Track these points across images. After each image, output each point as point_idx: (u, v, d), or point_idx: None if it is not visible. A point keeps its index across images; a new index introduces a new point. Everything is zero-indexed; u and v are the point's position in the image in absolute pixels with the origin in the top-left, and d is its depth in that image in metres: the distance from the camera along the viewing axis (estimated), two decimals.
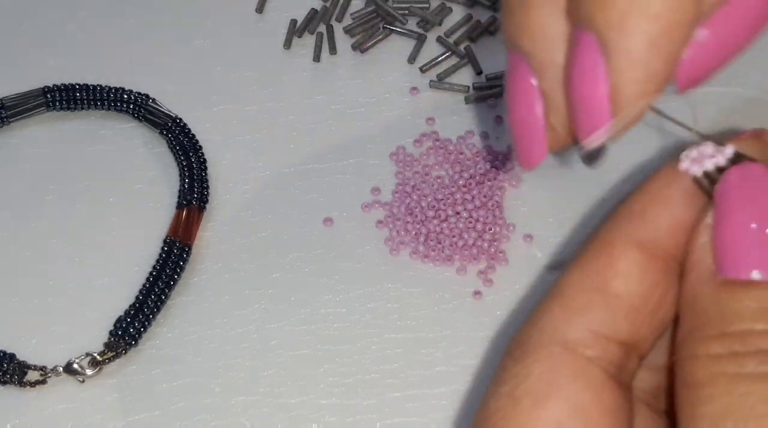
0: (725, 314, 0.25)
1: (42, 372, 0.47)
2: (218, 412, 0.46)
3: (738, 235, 0.25)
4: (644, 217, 0.28)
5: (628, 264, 0.27)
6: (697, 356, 0.25)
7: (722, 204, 0.26)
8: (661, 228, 0.27)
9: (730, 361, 0.24)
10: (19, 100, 0.54)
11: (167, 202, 0.52)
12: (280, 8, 0.59)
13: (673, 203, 0.28)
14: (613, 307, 0.27)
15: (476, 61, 0.55)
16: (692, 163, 0.27)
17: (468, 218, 0.50)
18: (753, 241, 0.25)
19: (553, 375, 0.27)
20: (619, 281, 0.27)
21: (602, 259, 0.28)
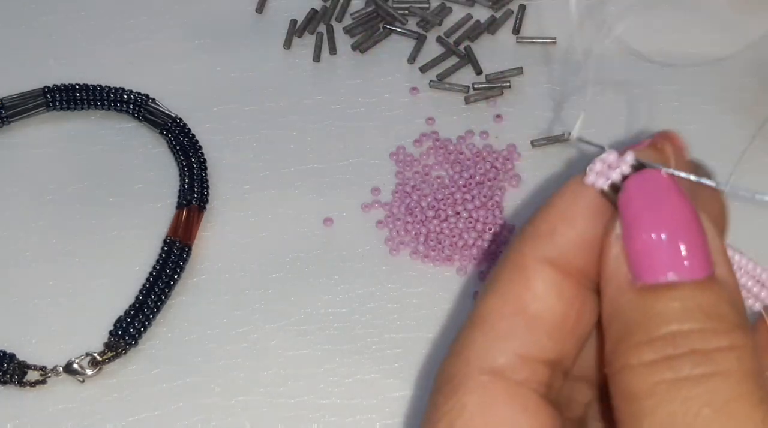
0: (651, 319, 0.25)
1: (42, 372, 0.47)
2: (218, 412, 0.46)
3: (647, 241, 0.25)
4: (553, 236, 0.27)
5: (544, 285, 0.27)
6: (631, 366, 0.25)
7: (627, 212, 0.26)
8: (571, 246, 0.27)
9: (665, 367, 0.24)
10: (19, 100, 0.54)
11: (167, 202, 0.52)
12: (280, 8, 0.59)
13: (579, 220, 0.27)
14: (535, 328, 0.27)
15: (476, 61, 0.55)
16: (597, 176, 0.27)
17: (468, 218, 0.50)
18: (662, 245, 0.25)
19: (487, 405, 0.27)
20: (537, 302, 0.27)
21: (518, 282, 0.28)
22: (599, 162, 0.27)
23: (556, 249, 0.27)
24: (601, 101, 0.52)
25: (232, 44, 0.57)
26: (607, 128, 0.29)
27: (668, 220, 0.25)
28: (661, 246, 0.25)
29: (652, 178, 0.26)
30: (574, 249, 0.27)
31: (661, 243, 0.25)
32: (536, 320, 0.27)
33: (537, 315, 0.27)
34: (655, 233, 0.25)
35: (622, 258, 0.26)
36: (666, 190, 0.26)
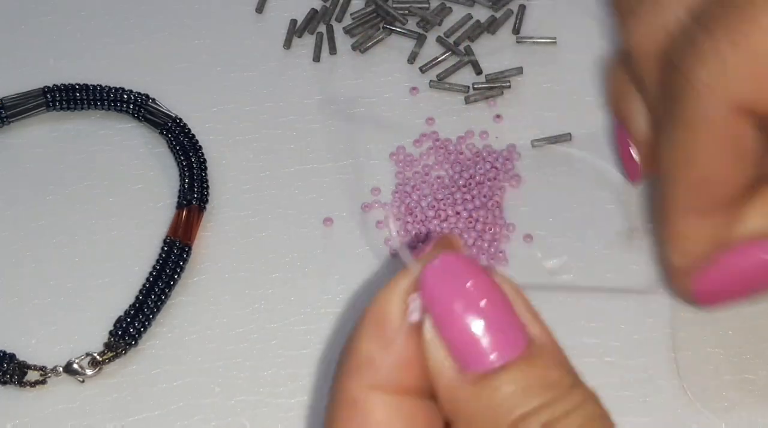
0: (495, 409, 0.25)
1: (42, 372, 0.47)
2: (218, 412, 0.46)
3: (460, 330, 0.25)
4: (374, 365, 0.27)
5: (382, 412, 0.27)
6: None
7: (433, 306, 0.26)
8: (394, 368, 0.27)
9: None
10: (19, 100, 0.54)
11: (167, 202, 0.52)
12: (280, 8, 0.59)
13: (395, 341, 0.27)
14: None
15: (476, 61, 0.55)
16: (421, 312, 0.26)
17: (468, 218, 0.50)
18: (476, 330, 0.25)
19: None
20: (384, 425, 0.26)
21: (356, 419, 0.27)
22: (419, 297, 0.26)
23: (380, 376, 0.27)
24: None
25: (232, 44, 0.57)
26: None
27: (473, 303, 0.25)
28: (475, 332, 0.25)
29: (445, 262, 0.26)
30: (398, 371, 0.27)
31: (474, 329, 0.25)
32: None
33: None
34: (465, 320, 0.25)
35: (443, 353, 0.26)
36: (463, 271, 0.26)
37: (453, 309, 0.25)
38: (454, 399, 0.26)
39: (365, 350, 0.27)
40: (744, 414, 0.45)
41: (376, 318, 0.27)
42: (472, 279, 0.25)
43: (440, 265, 0.26)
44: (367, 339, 0.27)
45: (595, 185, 0.51)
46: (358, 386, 0.27)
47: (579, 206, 0.51)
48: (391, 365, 0.27)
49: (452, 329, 0.25)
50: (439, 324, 0.25)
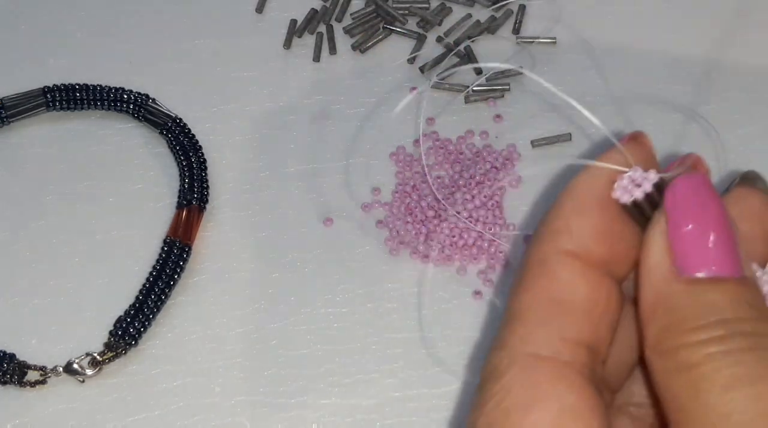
0: (703, 307, 0.27)
1: (42, 372, 0.47)
2: (218, 412, 0.46)
3: (695, 239, 0.28)
4: (569, 231, 0.29)
5: (569, 273, 0.29)
6: (687, 344, 0.27)
7: (675, 213, 0.28)
8: (587, 237, 0.29)
9: (718, 342, 0.26)
10: (19, 100, 0.54)
11: (167, 202, 0.52)
12: (280, 8, 0.59)
13: (591, 213, 0.30)
14: (571, 313, 0.29)
15: (476, 61, 0.55)
16: (623, 191, 0.29)
17: (468, 218, 0.50)
18: (708, 243, 0.28)
19: (535, 383, 0.28)
20: (567, 289, 0.29)
21: (544, 275, 0.29)
22: (627, 178, 0.29)
23: (573, 242, 0.29)
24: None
25: (232, 44, 0.57)
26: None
27: (713, 222, 0.28)
28: (707, 245, 0.28)
29: (697, 181, 0.29)
30: (589, 241, 0.29)
31: (707, 242, 0.28)
32: (569, 306, 0.29)
33: (569, 301, 0.29)
34: (701, 233, 0.28)
35: (666, 252, 0.28)
36: (709, 194, 0.29)
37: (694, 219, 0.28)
38: (661, 291, 0.28)
39: (563, 217, 0.30)
40: None
41: (578, 190, 0.30)
42: (716, 202, 0.28)
43: (693, 180, 0.29)
44: (568, 208, 0.30)
45: None
46: (551, 249, 0.29)
47: None
48: (585, 233, 0.29)
49: (686, 239, 0.28)
50: (675, 227, 0.28)
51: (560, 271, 0.29)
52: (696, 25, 0.57)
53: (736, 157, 0.52)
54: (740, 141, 0.52)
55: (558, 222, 0.30)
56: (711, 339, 0.26)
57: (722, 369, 0.26)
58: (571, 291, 0.29)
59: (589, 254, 0.29)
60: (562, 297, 0.29)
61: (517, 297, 0.29)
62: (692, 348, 0.27)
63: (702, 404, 0.26)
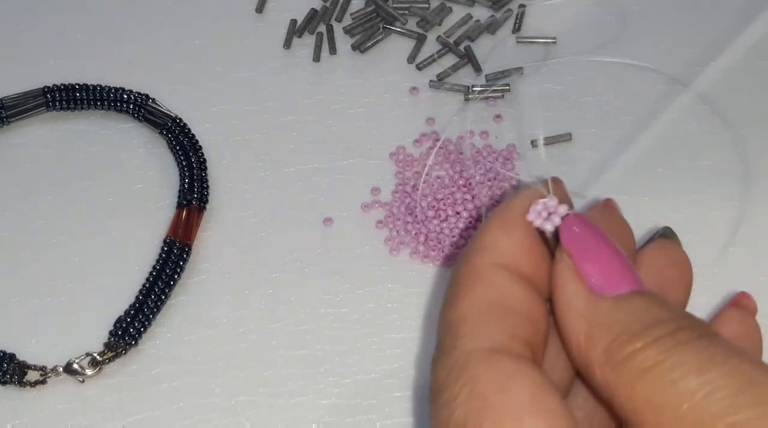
0: (638, 315, 0.29)
1: (42, 372, 0.47)
2: (218, 412, 0.46)
3: (599, 266, 0.30)
4: (497, 246, 0.31)
5: (505, 280, 0.31)
6: (641, 349, 0.28)
7: (576, 248, 0.31)
8: (514, 253, 0.31)
9: (672, 338, 0.28)
10: (19, 100, 0.54)
11: (167, 202, 0.52)
12: (280, 8, 0.59)
13: (518, 232, 0.32)
14: (513, 314, 0.30)
15: (476, 61, 0.55)
16: (536, 216, 0.31)
17: (468, 218, 0.50)
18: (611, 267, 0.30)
19: (501, 369, 0.29)
20: (506, 293, 0.31)
21: (480, 283, 0.31)
22: (541, 203, 0.32)
23: (501, 256, 0.31)
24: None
25: (232, 44, 0.57)
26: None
27: (608, 248, 0.31)
28: (615, 268, 0.30)
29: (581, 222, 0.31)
30: (516, 256, 0.31)
31: (614, 266, 0.30)
32: (510, 308, 0.30)
33: (509, 304, 0.30)
34: (602, 258, 0.30)
35: (580, 281, 0.30)
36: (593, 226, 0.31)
37: (589, 251, 0.31)
38: (591, 315, 0.30)
39: (491, 235, 0.32)
40: None
41: (504, 211, 0.32)
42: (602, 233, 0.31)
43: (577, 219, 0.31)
44: (495, 227, 0.32)
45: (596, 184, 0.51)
46: (483, 261, 0.31)
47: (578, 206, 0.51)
48: (512, 248, 0.31)
49: (588, 267, 0.30)
50: (577, 259, 0.30)
51: (495, 279, 0.31)
52: (697, 25, 0.57)
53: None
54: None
55: (487, 238, 0.32)
56: (661, 336, 0.28)
57: (688, 357, 0.27)
58: (509, 295, 0.30)
59: (517, 267, 0.31)
60: (501, 301, 0.30)
61: (454, 308, 0.31)
62: (648, 350, 0.28)
63: (680, 392, 0.27)
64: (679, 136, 0.53)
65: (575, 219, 0.31)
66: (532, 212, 0.31)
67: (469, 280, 0.31)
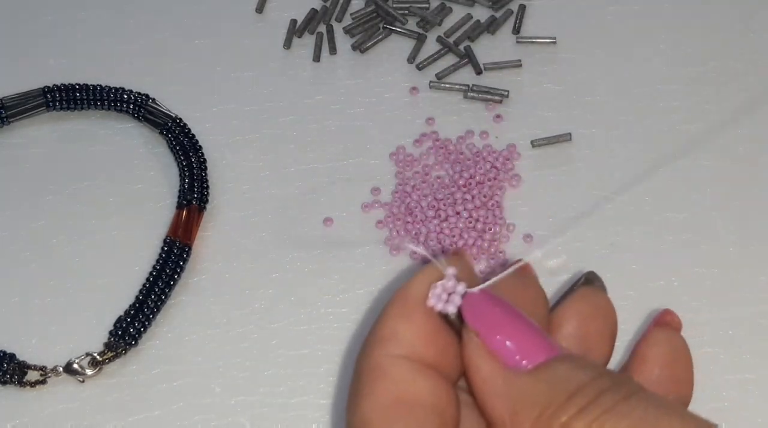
0: (559, 385, 0.28)
1: (42, 372, 0.47)
2: (218, 412, 0.46)
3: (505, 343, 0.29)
4: (396, 337, 0.30)
5: (407, 372, 0.29)
6: (569, 420, 0.27)
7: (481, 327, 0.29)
8: (414, 342, 0.30)
9: (597, 405, 0.27)
10: (19, 100, 0.54)
11: (167, 202, 0.52)
12: (280, 8, 0.59)
13: (417, 319, 0.30)
14: (419, 410, 0.29)
15: (476, 61, 0.55)
16: (437, 300, 0.30)
17: (468, 218, 0.50)
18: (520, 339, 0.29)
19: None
20: (410, 388, 0.29)
21: (382, 379, 0.29)
22: (440, 286, 0.30)
23: (401, 347, 0.30)
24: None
25: (232, 44, 0.57)
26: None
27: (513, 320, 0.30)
28: (527, 339, 0.29)
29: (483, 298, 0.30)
30: (417, 345, 0.30)
31: (525, 338, 0.29)
32: (415, 403, 0.29)
33: (414, 398, 0.29)
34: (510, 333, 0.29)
35: (492, 360, 0.29)
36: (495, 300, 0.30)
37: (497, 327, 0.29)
38: (510, 392, 0.29)
39: (391, 324, 0.30)
40: (744, 414, 0.45)
41: (402, 298, 0.31)
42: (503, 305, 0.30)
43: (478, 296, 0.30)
44: (393, 315, 0.31)
45: (596, 184, 0.51)
46: (383, 354, 0.30)
47: (579, 206, 0.51)
48: (412, 338, 0.30)
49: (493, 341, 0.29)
50: (485, 337, 0.29)
51: (397, 373, 0.29)
52: (698, 25, 0.57)
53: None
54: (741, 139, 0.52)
55: (385, 329, 0.30)
56: (585, 405, 0.27)
57: (617, 424, 0.26)
58: (413, 389, 0.29)
59: (419, 357, 0.30)
60: (405, 397, 0.29)
61: (358, 407, 0.29)
62: (575, 421, 0.27)
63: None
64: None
65: (477, 297, 0.30)
66: (431, 297, 0.30)
67: (371, 377, 0.30)
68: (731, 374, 0.46)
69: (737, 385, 0.46)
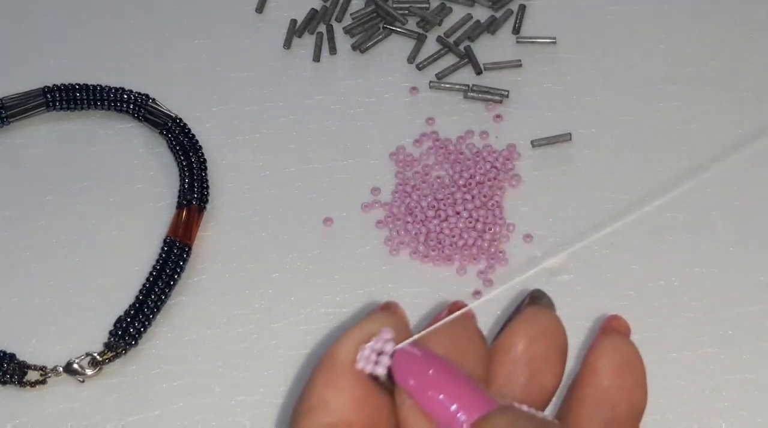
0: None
1: (42, 372, 0.47)
2: (218, 412, 0.46)
3: (433, 400, 0.28)
4: (325, 406, 0.29)
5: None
6: None
7: (407, 385, 0.29)
8: (344, 410, 0.29)
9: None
10: (19, 100, 0.54)
11: (167, 202, 0.52)
12: (280, 8, 0.59)
13: (345, 385, 0.29)
14: None
15: (476, 61, 0.55)
16: (366, 362, 0.29)
17: (468, 218, 0.50)
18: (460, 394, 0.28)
19: None
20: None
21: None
22: (368, 348, 0.29)
23: (331, 415, 0.29)
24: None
25: (232, 44, 0.57)
26: None
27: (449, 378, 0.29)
28: (463, 394, 0.28)
29: (407, 356, 0.29)
30: (347, 412, 0.29)
31: (460, 392, 0.28)
32: None
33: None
34: (447, 390, 0.28)
35: (429, 421, 0.28)
36: (426, 360, 0.29)
37: (425, 385, 0.29)
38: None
39: (319, 393, 0.29)
40: (744, 414, 0.45)
41: (329, 364, 0.30)
42: (433, 363, 0.29)
43: (408, 353, 0.29)
44: (321, 383, 0.30)
45: (596, 184, 0.51)
46: (314, 424, 0.29)
47: (579, 206, 0.51)
48: (342, 406, 0.29)
49: (426, 399, 0.28)
50: (415, 396, 0.29)
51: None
52: (698, 25, 0.57)
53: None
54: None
55: (313, 398, 0.29)
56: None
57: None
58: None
59: (349, 424, 0.29)
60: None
61: None
62: None
63: None
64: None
65: (406, 355, 0.29)
66: (360, 359, 0.29)
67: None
68: (731, 374, 0.46)
69: (737, 385, 0.46)
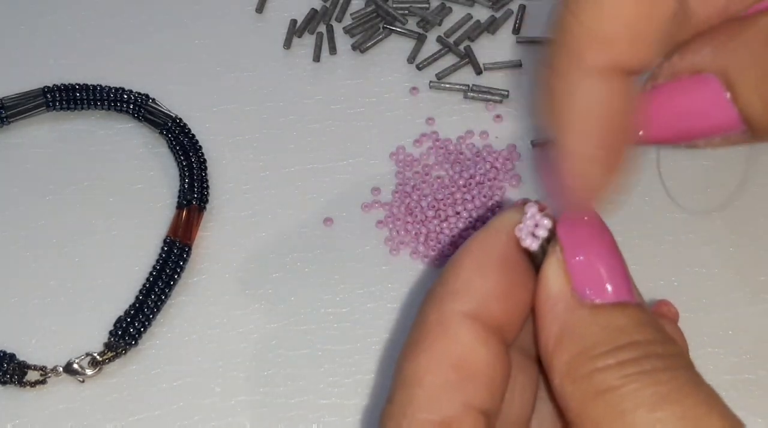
0: (611, 332, 0.28)
1: (42, 372, 0.47)
2: (218, 412, 0.46)
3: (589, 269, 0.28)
4: (469, 291, 0.29)
5: (471, 337, 0.29)
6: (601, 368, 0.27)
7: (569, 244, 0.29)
8: (488, 297, 0.29)
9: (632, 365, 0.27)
10: (19, 100, 0.54)
11: (167, 202, 0.52)
12: (280, 8, 0.59)
13: (493, 274, 0.29)
14: (473, 380, 0.28)
15: (476, 61, 0.55)
16: (527, 235, 0.29)
17: (468, 218, 0.50)
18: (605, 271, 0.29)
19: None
20: (469, 355, 0.29)
21: (444, 338, 0.29)
22: (529, 215, 0.29)
23: (474, 303, 0.29)
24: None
25: (232, 44, 0.57)
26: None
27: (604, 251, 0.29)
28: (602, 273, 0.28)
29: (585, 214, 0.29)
30: (489, 302, 0.29)
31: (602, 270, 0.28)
32: (471, 372, 0.28)
33: (471, 367, 0.28)
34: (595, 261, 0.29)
35: (566, 281, 0.29)
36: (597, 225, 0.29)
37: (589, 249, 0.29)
38: (565, 319, 0.28)
39: (464, 276, 0.29)
40: (744, 414, 0.45)
41: (478, 249, 0.29)
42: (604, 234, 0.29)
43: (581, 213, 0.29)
44: (468, 267, 0.29)
45: None
46: (451, 310, 0.29)
47: None
48: (486, 294, 0.29)
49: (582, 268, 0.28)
50: (570, 260, 0.28)
51: (461, 335, 0.29)
52: None
53: None
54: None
55: (457, 282, 0.29)
56: (626, 361, 0.27)
57: (644, 389, 0.26)
58: (472, 357, 0.29)
59: (488, 316, 0.29)
60: (463, 363, 0.28)
61: (415, 359, 0.29)
62: (608, 372, 0.27)
63: (627, 424, 0.26)
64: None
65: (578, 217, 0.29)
66: (523, 235, 0.29)
67: (434, 331, 0.29)
68: (731, 374, 0.46)
69: (737, 385, 0.46)
